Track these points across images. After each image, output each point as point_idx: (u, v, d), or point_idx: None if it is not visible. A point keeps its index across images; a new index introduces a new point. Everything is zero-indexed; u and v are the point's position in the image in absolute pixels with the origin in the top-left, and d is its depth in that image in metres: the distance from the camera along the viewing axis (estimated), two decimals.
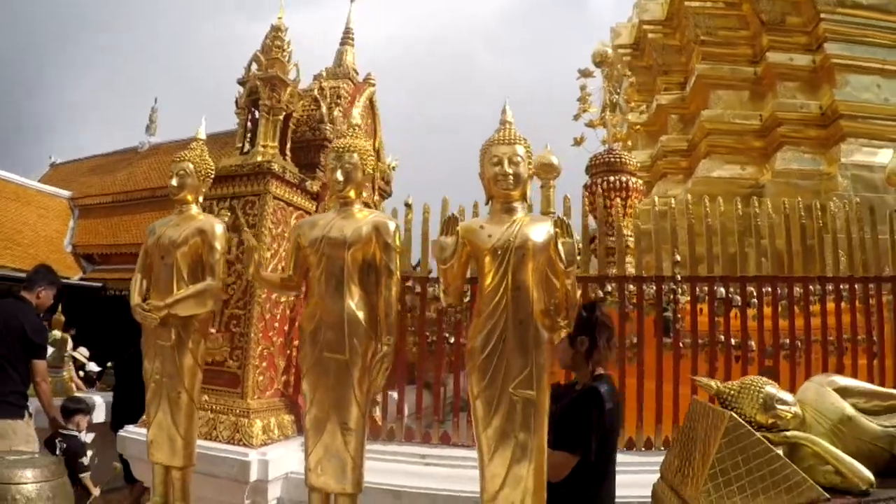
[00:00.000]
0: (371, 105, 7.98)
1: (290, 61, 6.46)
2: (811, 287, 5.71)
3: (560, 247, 3.06)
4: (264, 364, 5.28)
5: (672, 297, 5.61)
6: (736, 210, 5.97)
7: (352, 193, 3.91)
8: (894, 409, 3.35)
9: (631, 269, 6.33)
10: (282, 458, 4.84)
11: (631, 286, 5.65)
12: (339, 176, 3.84)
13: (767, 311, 5.64)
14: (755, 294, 5.63)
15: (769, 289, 5.68)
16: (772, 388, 3.22)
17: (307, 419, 3.71)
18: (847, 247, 6.04)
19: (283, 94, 6.27)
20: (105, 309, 14.32)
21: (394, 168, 8.28)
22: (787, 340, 5.63)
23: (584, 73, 9.11)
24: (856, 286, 5.82)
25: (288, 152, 6.41)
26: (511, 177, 3.27)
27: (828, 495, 3.00)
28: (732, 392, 3.27)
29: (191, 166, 4.34)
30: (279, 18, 6.58)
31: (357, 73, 8.20)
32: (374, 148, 8.31)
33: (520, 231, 3.21)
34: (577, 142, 8.65)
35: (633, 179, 7.81)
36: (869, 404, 3.35)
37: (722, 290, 5.60)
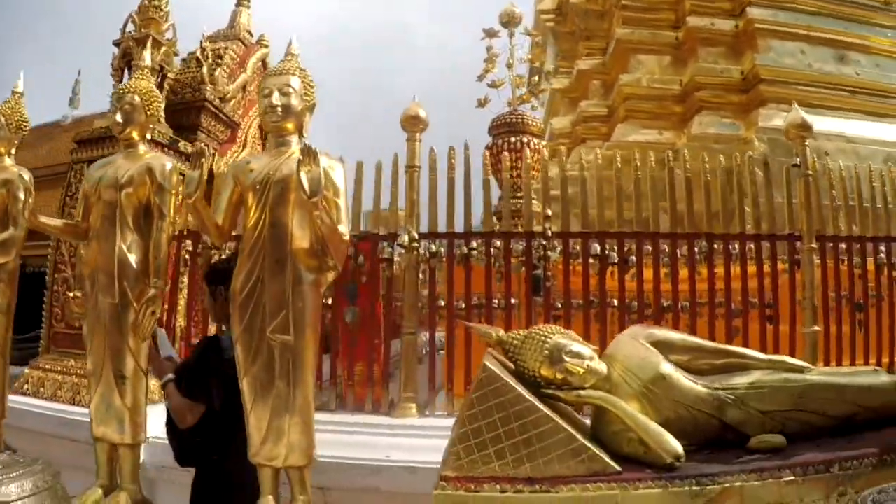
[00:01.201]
0: (264, 66, 7.25)
1: (167, 21, 5.88)
2: (696, 245, 5.02)
3: (303, 175, 2.63)
4: None
5: (543, 253, 4.89)
6: (638, 171, 5.22)
7: (134, 135, 3.53)
8: (729, 368, 2.64)
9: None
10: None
11: (498, 242, 4.93)
12: (119, 118, 3.48)
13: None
14: (634, 252, 4.93)
15: (650, 247, 4.98)
16: (562, 339, 2.52)
17: (87, 366, 3.37)
18: (768, 209, 5.36)
19: (156, 55, 5.67)
20: (25, 286, 13.34)
21: None
22: (671, 302, 4.96)
23: (490, 34, 8.37)
24: (748, 244, 5.13)
25: (162, 113, 5.70)
26: (280, 108, 2.95)
27: (618, 467, 2.29)
28: (516, 342, 2.57)
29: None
30: None
31: (251, 35, 7.47)
32: None
33: (283, 164, 2.88)
34: (481, 103, 7.93)
35: (535, 140, 7.09)
36: (697, 362, 2.65)
37: (597, 246, 4.88)
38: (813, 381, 2.57)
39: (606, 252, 4.90)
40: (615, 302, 4.96)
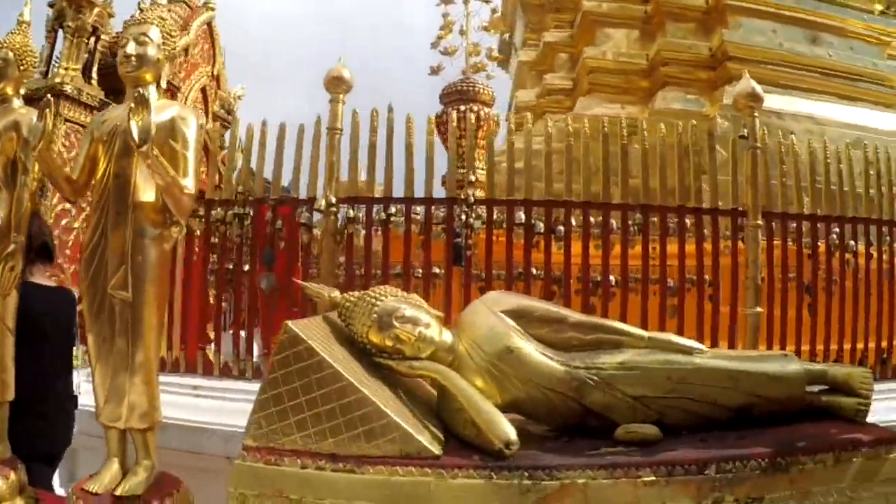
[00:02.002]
0: (210, 31, 6.83)
1: None
2: (630, 217, 4.61)
3: (132, 124, 2.38)
4: None
5: (465, 221, 4.48)
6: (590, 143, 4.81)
7: (8, 90, 3.15)
8: (601, 344, 2.23)
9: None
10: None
11: (418, 208, 4.52)
12: None
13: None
14: (563, 222, 4.51)
15: (587, 217, 4.57)
16: (394, 302, 2.13)
17: None
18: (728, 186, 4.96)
19: (88, 16, 5.25)
20: None
21: (239, 97, 7.17)
22: (601, 276, 4.56)
23: (445, 0, 7.88)
24: (686, 218, 4.73)
25: (95, 75, 5.29)
26: (134, 58, 2.71)
27: (436, 451, 1.90)
28: (349, 304, 2.19)
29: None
30: None
31: None
32: (212, 74, 7.30)
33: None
34: (434, 70, 7.48)
35: (486, 109, 6.66)
36: (560, 336, 2.23)
37: (522, 215, 4.47)
38: (699, 364, 2.15)
39: (533, 221, 4.48)
40: (543, 274, 4.56)
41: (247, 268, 4.93)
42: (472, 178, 4.60)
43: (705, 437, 2.08)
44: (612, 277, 4.62)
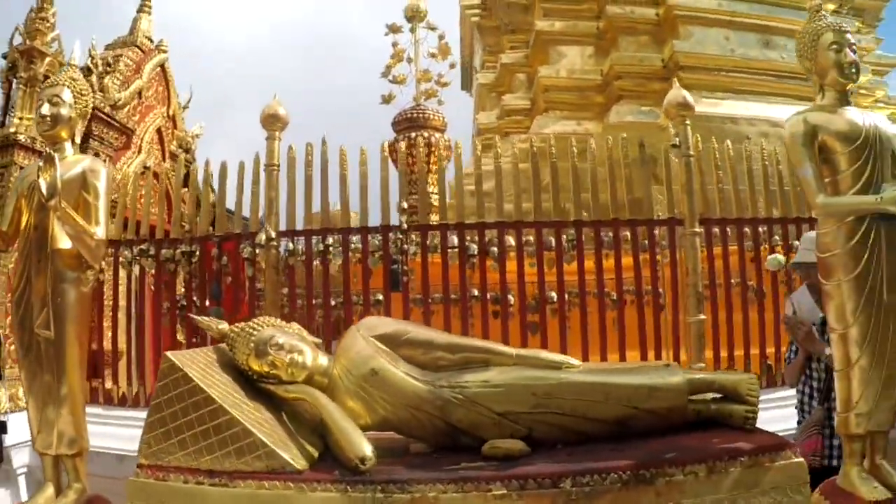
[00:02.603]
0: (164, 72, 7.03)
1: (53, 32, 5.79)
2: (564, 233, 4.75)
3: (41, 181, 2.63)
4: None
5: (400, 247, 4.63)
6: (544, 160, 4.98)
7: None
8: (469, 363, 2.37)
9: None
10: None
11: (353, 237, 4.68)
12: None
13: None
14: (496, 242, 4.66)
15: (519, 236, 4.71)
16: (271, 331, 2.30)
17: None
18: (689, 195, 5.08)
19: (40, 65, 5.52)
20: None
21: (197, 135, 7.35)
22: (540, 293, 4.70)
23: (393, 29, 8.09)
24: (621, 231, 4.86)
25: None
26: (49, 118, 2.99)
27: (298, 466, 2.04)
28: (233, 334, 2.38)
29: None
30: None
31: (151, 41, 7.22)
32: (167, 115, 7.48)
33: None
34: (386, 99, 7.66)
35: (437, 135, 6.83)
36: (429, 357, 2.38)
37: (455, 238, 4.62)
38: (566, 379, 2.26)
39: (466, 244, 4.63)
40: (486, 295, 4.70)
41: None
42: (404, 204, 4.69)
43: (573, 451, 2.17)
44: (551, 294, 4.75)
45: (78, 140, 3.18)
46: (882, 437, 2.60)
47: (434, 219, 5.75)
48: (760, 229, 5.22)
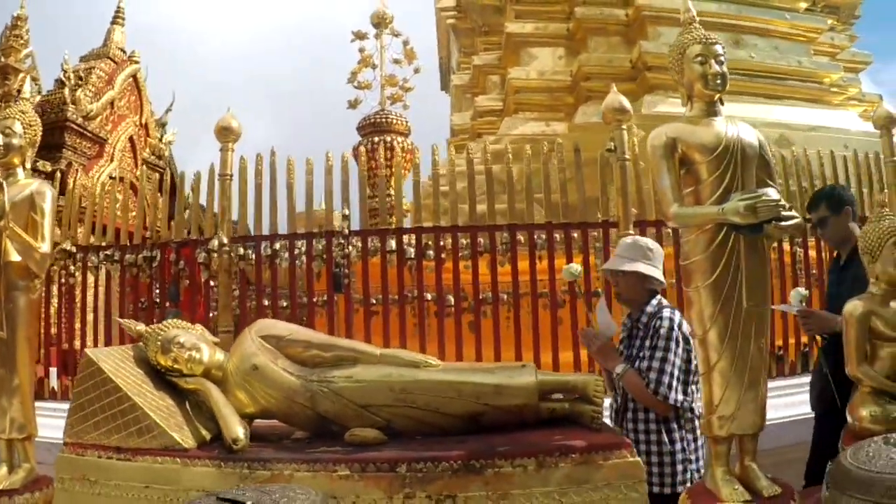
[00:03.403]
0: (136, 82, 7.47)
1: (27, 49, 6.17)
2: (498, 237, 5.12)
3: None
4: None
5: (342, 251, 5.04)
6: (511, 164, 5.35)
7: None
8: (341, 360, 2.76)
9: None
10: None
11: (299, 242, 5.09)
12: None
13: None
14: (434, 245, 5.05)
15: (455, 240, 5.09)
16: (175, 331, 2.79)
17: None
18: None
19: (14, 81, 5.99)
20: None
21: (170, 143, 7.79)
22: (474, 294, 5.08)
23: (359, 35, 8.47)
24: (555, 234, 5.22)
25: None
26: (2, 147, 3.40)
27: (185, 445, 2.51)
28: (147, 334, 2.87)
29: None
30: (21, 8, 6.25)
31: (124, 52, 7.67)
32: (140, 123, 7.94)
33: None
34: (352, 104, 8.05)
35: (400, 139, 7.22)
36: (308, 354, 2.78)
37: (393, 243, 5.01)
38: (421, 377, 2.61)
39: (404, 247, 5.02)
40: (428, 297, 5.08)
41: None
42: (346, 211, 5.09)
43: (426, 441, 2.52)
44: (488, 295, 5.12)
45: (28, 165, 3.62)
46: (750, 440, 2.70)
47: (394, 221, 6.15)
48: None
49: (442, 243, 5.05)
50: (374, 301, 5.00)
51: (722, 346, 2.61)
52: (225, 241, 5.08)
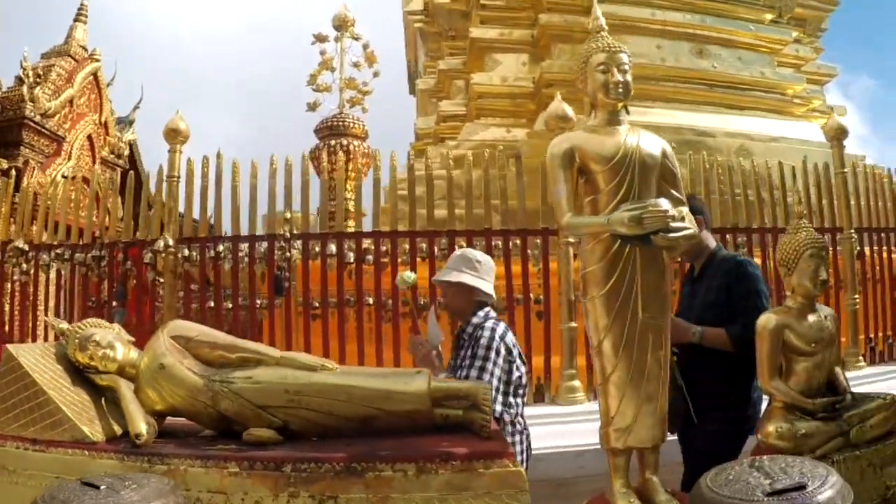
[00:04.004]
0: (96, 80, 7.64)
1: None
2: (437, 243, 5.33)
3: None
4: None
5: (284, 254, 5.23)
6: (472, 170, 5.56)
7: None
8: (246, 362, 2.94)
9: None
10: None
11: (242, 245, 5.28)
12: None
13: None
14: (373, 250, 5.25)
15: (394, 245, 5.30)
16: (92, 329, 2.91)
17: None
18: None
19: None
20: None
21: (132, 142, 7.95)
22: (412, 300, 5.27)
23: (320, 38, 8.66)
24: (494, 241, 5.43)
25: None
26: None
27: (94, 438, 2.66)
28: (67, 332, 2.98)
29: None
30: None
31: (86, 50, 7.83)
32: (100, 121, 8.11)
33: None
34: (311, 107, 8.22)
35: (356, 142, 7.43)
36: (214, 355, 2.96)
37: (333, 247, 5.21)
38: (315, 380, 2.77)
39: (344, 252, 5.22)
40: (369, 300, 5.28)
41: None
42: (287, 214, 5.29)
43: (320, 443, 2.65)
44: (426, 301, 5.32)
45: None
46: (650, 453, 2.73)
47: (351, 225, 6.35)
48: None
49: (384, 248, 5.25)
50: (316, 304, 5.19)
51: (616, 358, 2.65)
52: (170, 242, 5.25)
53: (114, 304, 5.64)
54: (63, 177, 6.10)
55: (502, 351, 3.20)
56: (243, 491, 2.43)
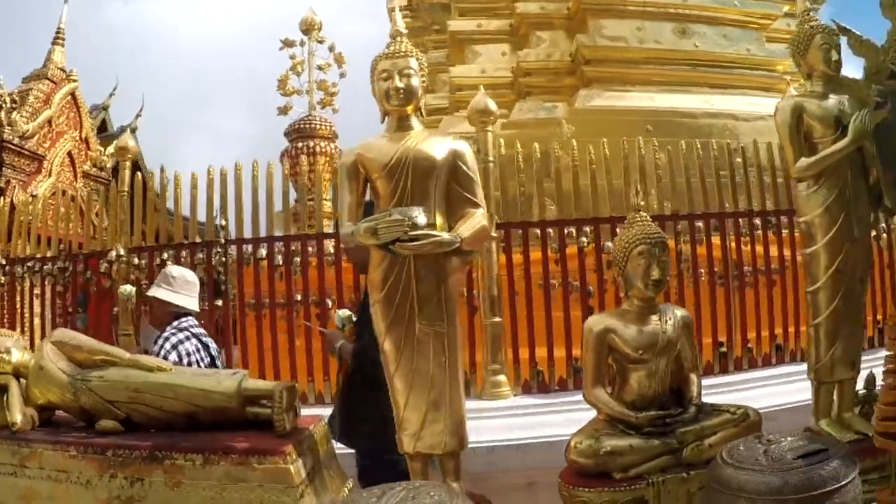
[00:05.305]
0: (74, 99, 8.28)
1: None
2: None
3: None
4: None
5: (221, 259, 5.72)
6: None
7: None
8: (106, 363, 3.43)
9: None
10: None
11: (183, 252, 5.79)
12: None
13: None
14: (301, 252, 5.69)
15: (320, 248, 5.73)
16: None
17: None
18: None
19: None
20: None
21: (112, 155, 8.56)
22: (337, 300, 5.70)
23: (287, 43, 9.09)
24: None
25: None
26: None
27: None
28: None
29: None
30: None
31: (64, 72, 8.47)
32: (80, 137, 8.77)
33: None
34: (283, 111, 8.68)
35: (323, 143, 7.88)
36: (83, 357, 3.47)
37: (263, 251, 5.67)
38: (150, 379, 3.22)
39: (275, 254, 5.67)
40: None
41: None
42: (223, 221, 5.77)
43: (152, 434, 3.13)
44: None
45: None
46: (447, 459, 2.94)
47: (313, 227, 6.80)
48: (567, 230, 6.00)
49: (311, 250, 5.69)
50: (250, 306, 5.66)
51: (396, 364, 2.85)
52: (122, 252, 5.81)
53: (77, 311, 6.22)
54: (32, 196, 6.72)
55: (169, 361, 3.65)
56: (79, 471, 2.96)
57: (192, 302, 4.20)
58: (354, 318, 3.93)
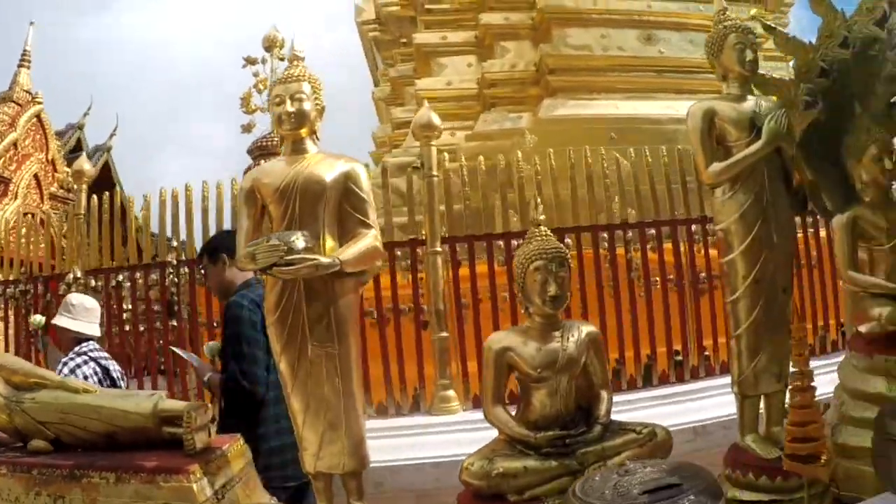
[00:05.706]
0: (40, 121, 8.47)
1: None
2: None
3: None
4: None
5: (174, 279, 5.89)
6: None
7: None
8: (39, 385, 3.58)
9: None
10: None
11: (138, 274, 5.96)
12: None
13: None
14: None
15: None
16: None
17: None
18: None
19: None
20: None
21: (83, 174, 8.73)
22: None
23: (250, 61, 9.26)
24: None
25: None
26: None
27: None
28: None
29: None
30: None
31: (30, 94, 8.64)
32: (46, 159, 8.95)
33: None
34: (246, 128, 8.83)
35: None
36: (18, 379, 3.61)
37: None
38: (75, 400, 3.35)
39: None
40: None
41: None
42: (174, 242, 5.94)
43: (77, 453, 3.25)
44: None
45: None
46: (349, 479, 2.99)
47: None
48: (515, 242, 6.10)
49: None
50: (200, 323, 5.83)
51: (292, 384, 2.92)
52: (79, 274, 5.98)
53: (39, 331, 6.39)
54: None
55: None
56: (8, 488, 3.10)
57: (91, 328, 4.45)
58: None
